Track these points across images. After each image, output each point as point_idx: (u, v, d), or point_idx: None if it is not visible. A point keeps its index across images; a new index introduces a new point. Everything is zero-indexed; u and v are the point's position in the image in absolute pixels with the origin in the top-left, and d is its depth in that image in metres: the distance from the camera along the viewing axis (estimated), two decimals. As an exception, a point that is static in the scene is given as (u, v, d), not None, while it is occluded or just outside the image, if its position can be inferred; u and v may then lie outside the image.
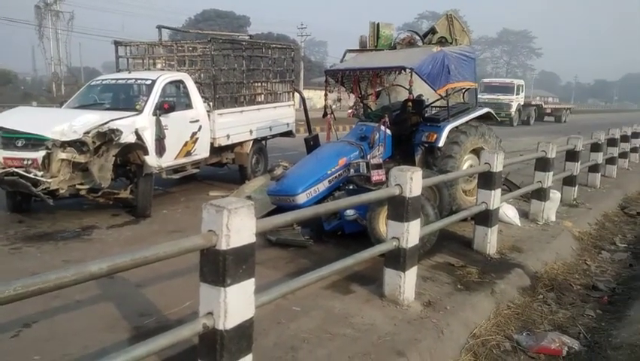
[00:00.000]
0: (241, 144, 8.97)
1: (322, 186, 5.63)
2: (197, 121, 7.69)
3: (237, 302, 2.44)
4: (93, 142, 5.99)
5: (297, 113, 10.79)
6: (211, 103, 8.24)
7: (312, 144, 6.78)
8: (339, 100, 7.70)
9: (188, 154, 7.62)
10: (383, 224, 4.82)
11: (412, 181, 3.78)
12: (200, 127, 7.73)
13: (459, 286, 4.51)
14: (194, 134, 7.63)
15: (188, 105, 7.76)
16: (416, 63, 5.68)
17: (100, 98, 7.82)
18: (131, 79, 7.78)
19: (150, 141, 6.67)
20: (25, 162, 5.91)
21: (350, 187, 5.70)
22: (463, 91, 7.12)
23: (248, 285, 2.51)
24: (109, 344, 3.24)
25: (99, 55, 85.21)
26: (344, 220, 5.42)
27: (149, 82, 7.33)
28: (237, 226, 2.39)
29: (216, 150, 8.38)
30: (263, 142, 9.76)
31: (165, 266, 3.64)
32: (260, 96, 9.94)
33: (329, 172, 5.69)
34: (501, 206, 5.85)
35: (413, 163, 6.07)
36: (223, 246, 2.36)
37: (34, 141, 5.98)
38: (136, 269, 2.25)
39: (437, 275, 4.70)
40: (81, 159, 6.01)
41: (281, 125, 9.95)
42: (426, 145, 6.15)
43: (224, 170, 9.56)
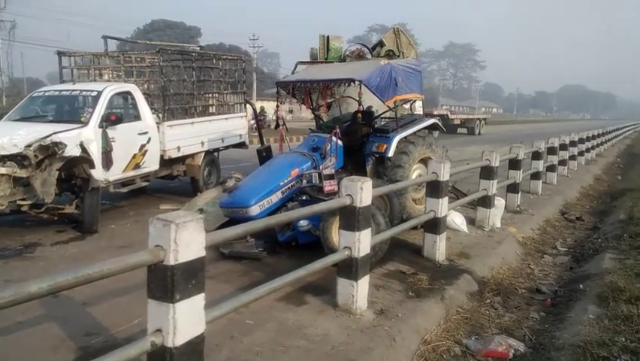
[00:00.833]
0: (192, 156, 8.84)
1: (275, 197, 5.63)
2: (145, 133, 7.53)
3: (187, 318, 2.40)
4: (35, 156, 5.76)
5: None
6: (160, 114, 8.09)
7: (265, 155, 6.78)
8: (290, 111, 7.74)
9: (136, 167, 7.44)
10: (336, 234, 4.85)
11: (363, 191, 3.84)
12: (149, 139, 7.57)
13: (410, 293, 4.60)
14: (142, 146, 7.46)
15: (136, 117, 7.59)
16: (364, 75, 5.81)
17: (42, 110, 7.53)
18: (76, 90, 7.53)
19: (96, 154, 6.47)
20: (-41, 178, 5.60)
21: (303, 198, 5.74)
22: (411, 103, 7.32)
23: (198, 300, 2.47)
24: (52, 367, 3.10)
25: (43, 65, 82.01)
26: (297, 231, 5.43)
27: (95, 93, 7.12)
28: (186, 240, 2.36)
29: (167, 163, 8.22)
30: (215, 154, 9.66)
31: (112, 283, 3.53)
32: (211, 107, 9.84)
33: (282, 183, 5.70)
34: (449, 214, 6.03)
35: (364, 173, 6.18)
36: (171, 261, 2.32)
37: (-30, 156, 5.68)
38: (82, 287, 2.19)
39: (389, 283, 4.78)
40: (22, 174, 5.75)
41: (233, 136, 9.88)
42: (376, 155, 6.28)
43: (175, 182, 9.39)
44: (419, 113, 8.02)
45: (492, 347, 3.91)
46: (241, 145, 10.32)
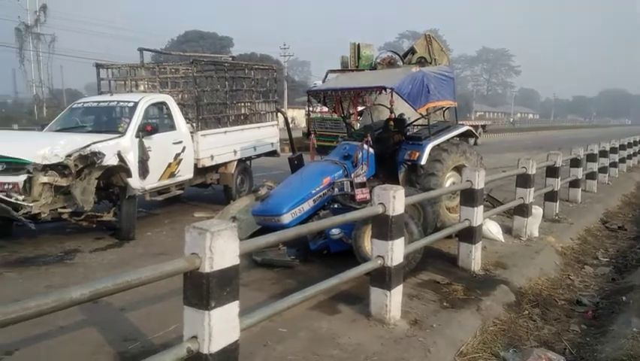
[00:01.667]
0: (225, 165, 8.97)
1: (307, 205, 5.64)
2: (180, 142, 7.68)
3: (222, 325, 2.42)
4: (75, 165, 5.93)
5: (281, 132, 10.86)
6: (194, 124, 8.24)
7: (296, 164, 6.81)
8: (322, 120, 7.78)
9: (171, 175, 7.59)
10: (368, 242, 4.83)
11: (395, 200, 3.81)
12: (183, 148, 7.72)
13: (445, 303, 4.52)
14: (177, 155, 7.61)
15: (171, 127, 7.76)
16: (396, 83, 5.78)
17: (82, 120, 7.78)
18: (114, 101, 7.75)
19: (133, 163, 6.63)
20: (5, 187, 5.81)
21: (335, 206, 5.73)
22: (444, 110, 7.25)
23: (232, 307, 2.49)
24: (91, 372, 3.17)
25: (82, 77, 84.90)
26: (329, 239, 5.42)
27: (132, 104, 7.32)
28: (221, 248, 2.39)
29: (200, 171, 8.35)
30: (247, 162, 9.77)
31: (149, 289, 3.60)
32: (243, 116, 9.98)
33: (313, 191, 5.71)
34: (484, 222, 5.92)
35: (396, 181, 6.13)
36: (207, 268, 2.35)
37: (15, 165, 5.89)
38: (120, 293, 2.23)
39: (423, 293, 4.71)
40: (63, 183, 5.94)
41: (265, 145, 9.98)
42: (408, 163, 6.22)
43: (208, 190, 9.53)
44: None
45: (531, 361, 3.80)
46: (273, 153, 10.42)
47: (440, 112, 7.23)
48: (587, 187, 10.96)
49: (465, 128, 6.80)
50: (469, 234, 5.40)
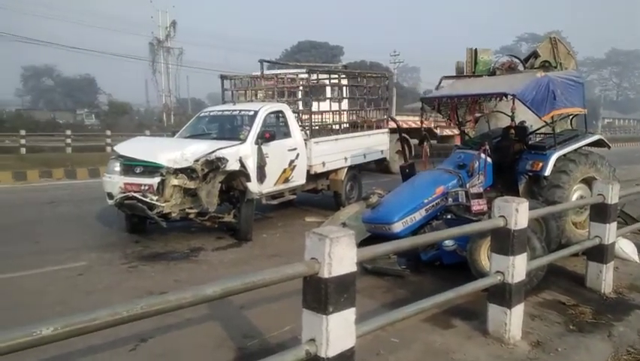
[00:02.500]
0: (336, 171, 9.13)
1: (419, 215, 5.54)
2: (295, 149, 7.98)
3: (339, 331, 2.46)
4: (202, 169, 6.43)
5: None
6: (308, 132, 8.51)
7: (408, 172, 6.73)
8: (435, 127, 7.61)
9: (286, 181, 7.90)
10: (485, 256, 4.63)
11: (518, 213, 3.60)
12: (297, 155, 8.00)
13: (571, 326, 4.18)
14: (292, 161, 7.91)
15: (286, 134, 8.08)
16: (519, 89, 5.47)
17: (208, 128, 8.41)
18: (236, 110, 8.28)
19: (252, 169, 7.02)
20: (142, 188, 6.46)
21: (448, 217, 5.57)
22: (571, 117, 6.72)
23: (349, 314, 2.52)
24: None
25: (204, 86, 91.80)
26: (442, 251, 5.28)
27: (252, 113, 7.75)
28: (339, 255, 2.43)
29: (312, 177, 8.59)
30: (357, 169, 9.86)
31: (266, 289, 3.72)
32: (355, 124, 10.09)
33: (426, 201, 5.59)
34: (617, 241, 5.38)
35: (515, 193, 5.79)
36: (325, 274, 2.40)
37: (150, 168, 6.53)
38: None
39: (546, 314, 4.39)
40: (191, 185, 6.46)
41: (375, 152, 10.00)
42: (530, 174, 5.86)
43: (318, 196, 9.75)
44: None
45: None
46: (382, 161, 10.41)
47: (566, 120, 6.71)
48: None
49: (596, 137, 6.25)
50: (600, 252, 4.94)
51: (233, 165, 6.63)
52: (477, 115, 6.88)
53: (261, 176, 7.19)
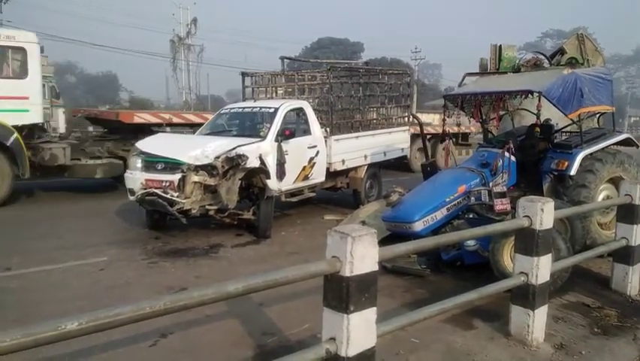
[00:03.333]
0: (355, 169, 9.09)
1: (440, 214, 5.47)
2: (314, 147, 7.95)
3: (360, 330, 2.44)
4: (222, 166, 6.45)
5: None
6: (328, 129, 8.47)
7: (430, 171, 6.65)
8: (458, 125, 7.50)
9: (305, 178, 7.89)
10: (508, 257, 4.55)
11: (543, 213, 3.53)
12: (317, 152, 7.98)
13: (595, 329, 4.08)
14: (311, 159, 7.89)
15: (306, 131, 8.06)
16: (545, 86, 5.36)
17: (228, 125, 8.44)
18: (256, 107, 8.28)
19: (272, 166, 7.01)
20: (163, 184, 6.51)
21: (470, 216, 5.50)
22: (598, 115, 6.57)
23: (370, 313, 2.50)
24: (236, 361, 3.40)
25: (223, 83, 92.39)
26: (464, 251, 5.21)
27: (272, 110, 7.75)
28: (361, 254, 2.40)
29: (332, 175, 8.56)
30: (377, 167, 9.79)
31: (286, 287, 3.73)
32: (375, 121, 10.03)
33: (447, 200, 5.52)
34: (645, 242, 5.23)
35: (539, 192, 5.68)
36: (347, 273, 2.38)
37: (171, 165, 6.58)
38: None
39: (570, 316, 4.30)
40: (211, 182, 6.49)
41: (395, 150, 9.92)
42: (555, 173, 5.74)
43: (337, 194, 9.72)
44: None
45: None
46: (403, 159, 10.32)
47: (593, 118, 6.55)
48: None
49: (623, 136, 6.09)
50: (627, 254, 4.82)
51: (253, 162, 6.64)
52: (501, 113, 6.76)
53: (281, 173, 7.19)
